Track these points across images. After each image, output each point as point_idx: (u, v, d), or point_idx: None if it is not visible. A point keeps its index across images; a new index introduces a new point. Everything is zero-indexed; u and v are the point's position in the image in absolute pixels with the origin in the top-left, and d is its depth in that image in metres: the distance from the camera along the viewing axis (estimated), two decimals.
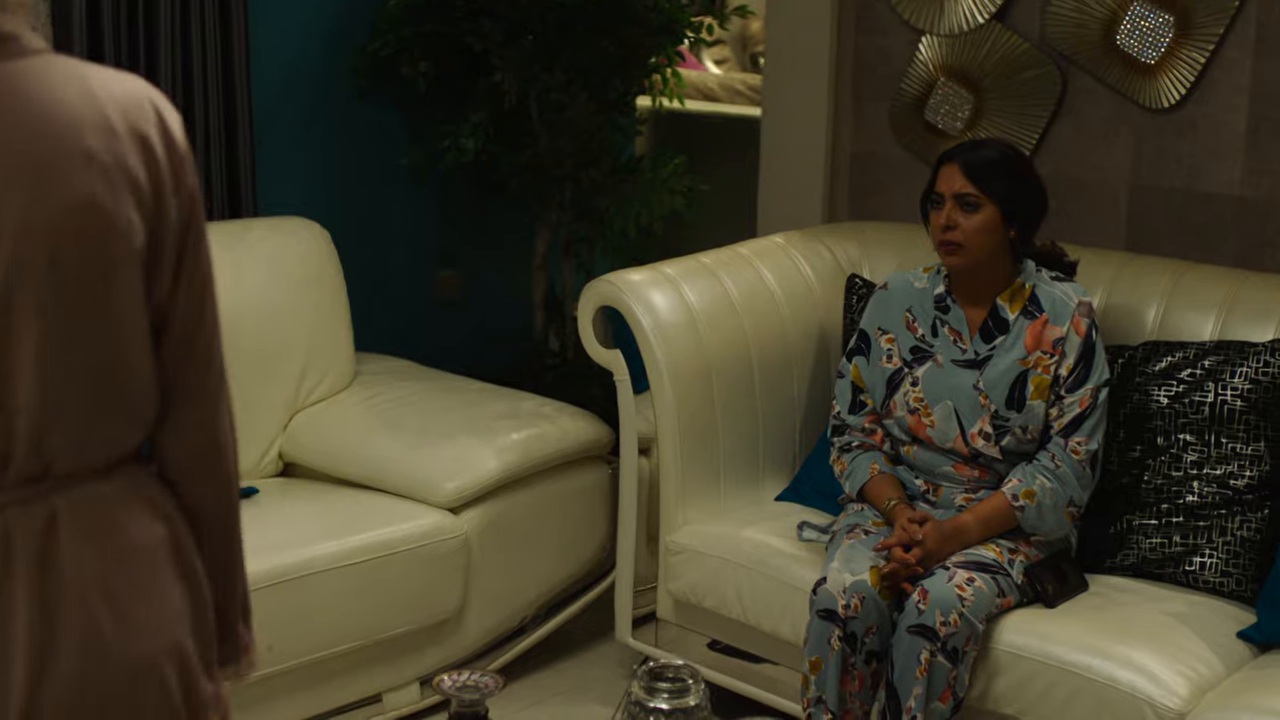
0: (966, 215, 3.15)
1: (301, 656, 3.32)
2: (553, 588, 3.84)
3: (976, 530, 3.14)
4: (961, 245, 3.16)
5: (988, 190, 3.15)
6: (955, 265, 3.21)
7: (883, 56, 4.30)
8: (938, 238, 3.19)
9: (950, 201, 3.17)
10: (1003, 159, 3.20)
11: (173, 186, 1.67)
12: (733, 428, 3.63)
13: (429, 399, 3.92)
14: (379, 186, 4.70)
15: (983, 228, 3.15)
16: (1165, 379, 3.32)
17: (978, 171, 3.15)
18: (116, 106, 1.63)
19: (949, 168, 3.19)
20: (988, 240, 3.16)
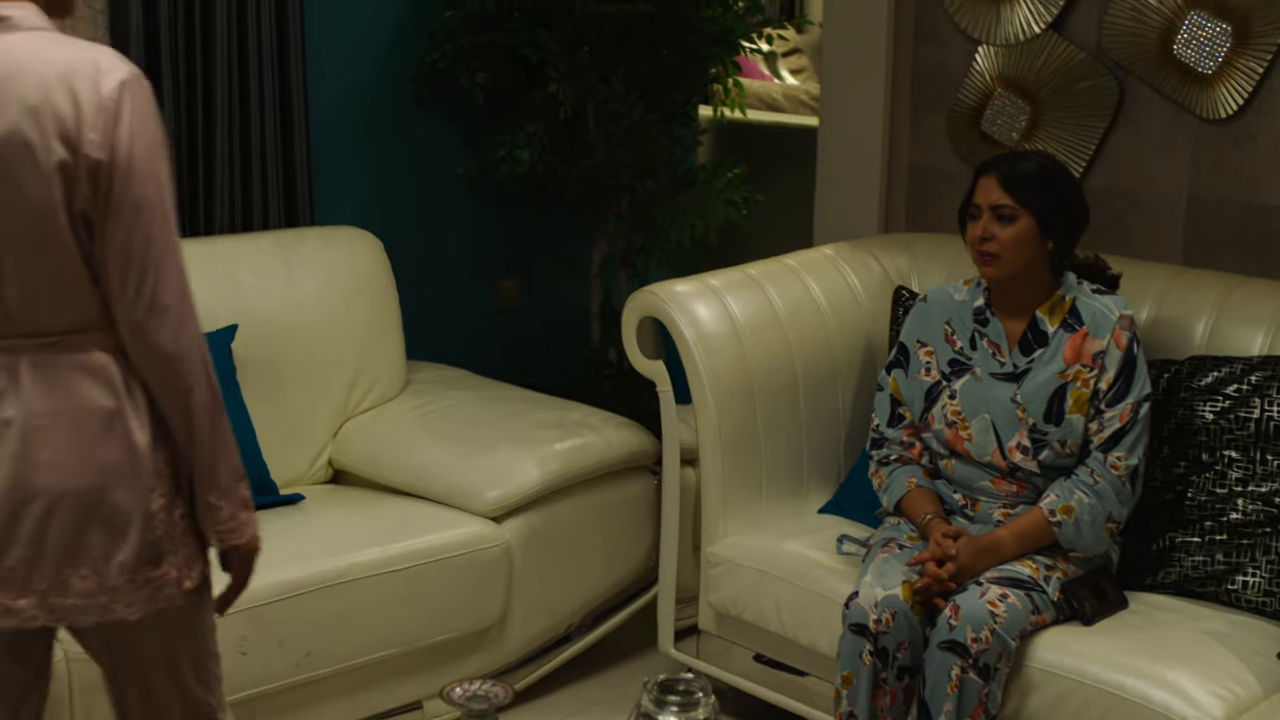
0: (1003, 226, 3.13)
1: (343, 662, 3.36)
2: (597, 597, 3.85)
3: (1012, 546, 3.11)
4: (997, 256, 3.14)
5: (1024, 201, 3.12)
6: (992, 276, 3.18)
7: (940, 67, 4.27)
8: (974, 248, 3.17)
9: (987, 213, 3.15)
10: (1041, 171, 3.17)
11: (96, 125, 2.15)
12: (775, 440, 3.62)
13: (477, 408, 3.94)
14: (438, 196, 4.74)
15: (1019, 239, 3.13)
16: (1211, 394, 3.27)
17: (1014, 183, 3.13)
18: (61, 65, 2.16)
19: (986, 179, 3.17)
20: (1024, 251, 3.14)
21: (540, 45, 4.43)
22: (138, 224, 2.18)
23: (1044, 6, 3.99)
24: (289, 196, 4.21)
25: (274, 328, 3.79)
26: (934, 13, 4.24)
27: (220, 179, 4.06)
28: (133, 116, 2.19)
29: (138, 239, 2.18)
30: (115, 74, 2.19)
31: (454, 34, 4.49)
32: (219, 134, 4.04)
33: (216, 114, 4.03)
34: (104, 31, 3.87)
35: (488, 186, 4.71)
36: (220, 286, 3.72)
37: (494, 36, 4.47)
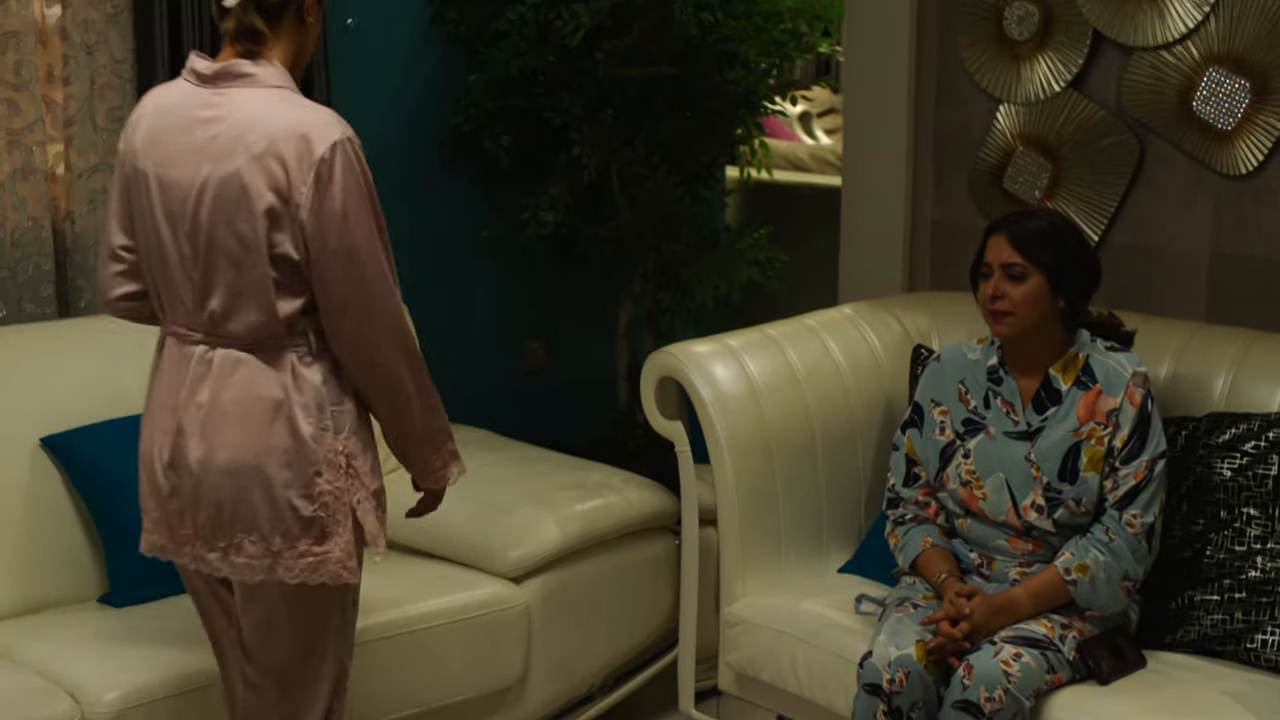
0: (1014, 285, 3.13)
1: None
2: (618, 658, 3.85)
3: (1028, 605, 3.09)
4: (1009, 314, 3.14)
5: (1034, 260, 3.12)
6: (1004, 334, 3.18)
7: (962, 126, 4.28)
8: (985, 307, 3.17)
9: (998, 271, 3.15)
10: (1050, 229, 3.17)
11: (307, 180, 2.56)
12: (794, 499, 3.62)
13: (500, 469, 3.96)
14: (464, 258, 4.78)
15: (1030, 297, 3.13)
16: (1229, 451, 3.25)
17: (1024, 241, 3.13)
18: (288, 124, 2.57)
19: (996, 238, 3.18)
20: (1035, 309, 3.13)
21: (563, 109, 4.48)
22: (351, 268, 2.59)
23: (1064, 65, 4.00)
24: None
25: None
26: (955, 72, 4.26)
27: None
28: (343, 174, 2.58)
29: (352, 281, 2.60)
30: (331, 135, 2.58)
31: (478, 98, 4.55)
32: None
33: None
34: (131, 99, 3.93)
35: (513, 248, 4.75)
36: None
37: (518, 100, 4.53)
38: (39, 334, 3.63)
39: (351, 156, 2.61)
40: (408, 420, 2.75)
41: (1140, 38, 3.84)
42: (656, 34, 4.40)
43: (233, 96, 2.63)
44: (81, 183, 3.90)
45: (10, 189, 3.80)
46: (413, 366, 2.72)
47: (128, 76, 3.93)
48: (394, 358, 2.68)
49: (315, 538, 2.69)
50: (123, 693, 3.08)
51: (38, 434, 3.48)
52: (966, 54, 4.20)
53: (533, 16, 4.47)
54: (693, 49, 4.51)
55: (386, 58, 4.55)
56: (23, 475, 3.44)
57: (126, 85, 3.93)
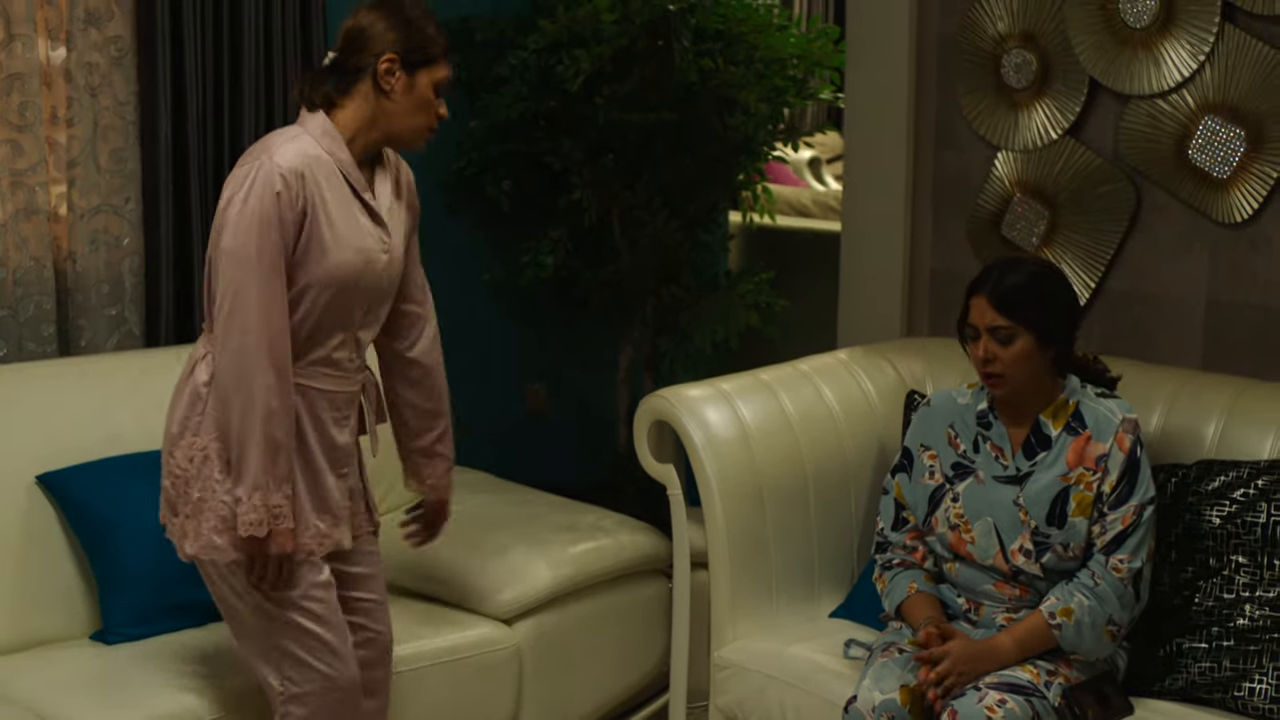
0: (1003, 347, 3.11)
1: None
2: (610, 700, 3.86)
3: (1012, 651, 3.09)
4: (1003, 376, 3.13)
5: (1020, 319, 3.10)
6: (1002, 395, 3.18)
7: (960, 172, 4.30)
8: (980, 370, 3.16)
9: (985, 334, 3.13)
10: (1029, 283, 3.14)
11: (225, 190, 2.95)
12: (785, 544, 3.62)
13: (494, 510, 3.97)
14: (465, 302, 4.81)
15: (1020, 357, 3.11)
16: (1218, 499, 3.25)
17: (1007, 303, 3.10)
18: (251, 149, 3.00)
19: (978, 300, 3.14)
20: (1028, 366, 3.12)
21: (564, 153, 4.51)
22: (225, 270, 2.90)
23: (1061, 113, 4.02)
24: None
25: None
26: (954, 119, 4.28)
27: None
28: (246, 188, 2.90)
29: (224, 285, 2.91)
30: (265, 156, 2.92)
31: (480, 142, 4.59)
32: None
33: None
34: (134, 140, 3.98)
35: (514, 292, 4.77)
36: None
37: (519, 145, 4.56)
38: (39, 372, 3.66)
39: (263, 179, 2.85)
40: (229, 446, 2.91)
41: (1136, 86, 3.86)
42: (657, 80, 4.44)
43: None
44: (84, 223, 3.94)
45: (13, 229, 3.84)
46: (240, 398, 2.86)
47: (130, 118, 3.97)
48: (226, 378, 2.87)
49: (171, 508, 3.02)
50: None
51: (34, 471, 3.50)
52: (965, 101, 4.22)
53: (534, 62, 4.51)
54: (693, 95, 4.54)
55: None
56: (19, 512, 3.46)
57: (129, 127, 3.97)
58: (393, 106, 3.01)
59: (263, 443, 2.87)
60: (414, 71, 3.01)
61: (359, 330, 3.09)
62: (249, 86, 4.08)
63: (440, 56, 3.04)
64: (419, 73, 3.01)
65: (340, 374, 3.07)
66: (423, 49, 3.02)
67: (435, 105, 3.05)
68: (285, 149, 2.92)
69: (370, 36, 3.01)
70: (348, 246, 2.97)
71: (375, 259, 3.04)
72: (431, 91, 3.03)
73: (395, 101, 3.00)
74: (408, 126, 3.04)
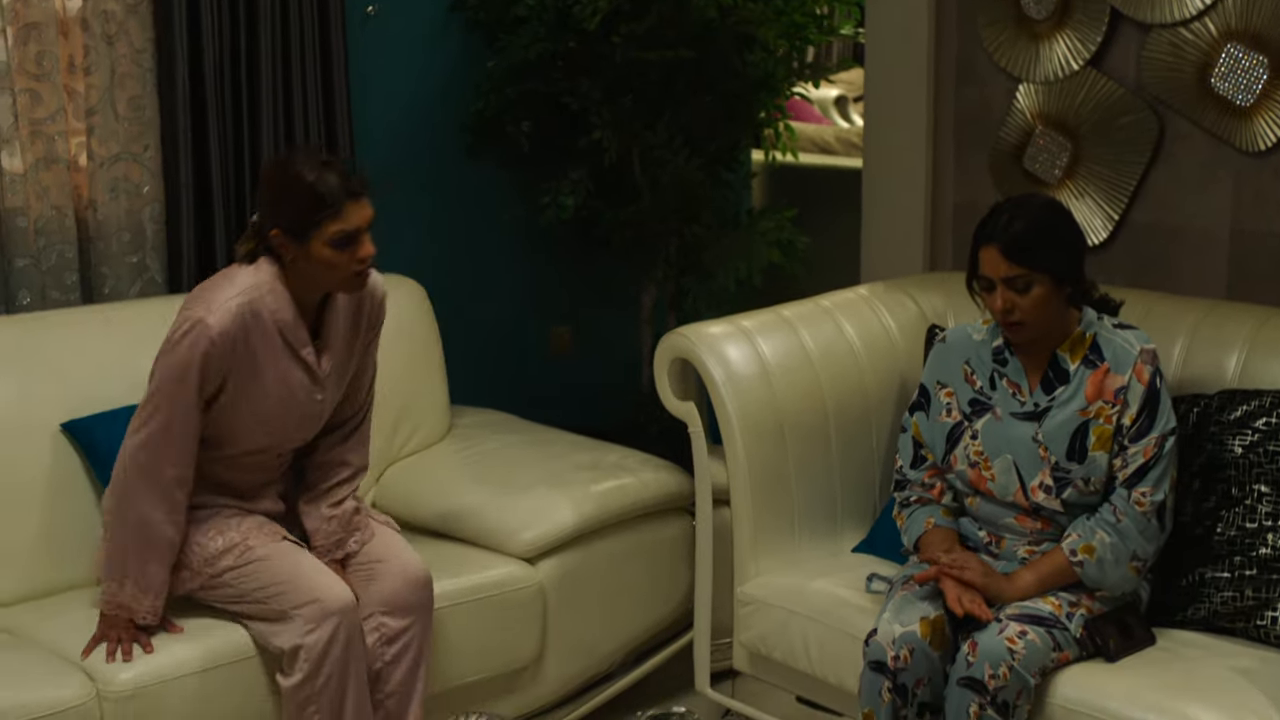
0: (1021, 295, 3.07)
1: None
2: (635, 638, 3.87)
3: (1033, 586, 3.09)
4: (1024, 323, 3.10)
5: (1034, 265, 3.05)
6: (1024, 341, 3.15)
7: (982, 106, 4.27)
8: (1000, 320, 3.13)
9: (1000, 285, 3.09)
10: (1036, 226, 3.08)
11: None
12: (807, 480, 3.62)
13: (518, 451, 3.99)
14: (488, 244, 4.81)
15: (1039, 302, 3.07)
16: (1240, 428, 3.23)
17: (1019, 251, 3.05)
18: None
19: (989, 251, 3.09)
20: (1047, 309, 3.08)
21: (583, 93, 4.49)
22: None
23: (1082, 43, 3.98)
24: None
25: None
26: (974, 52, 4.25)
27: None
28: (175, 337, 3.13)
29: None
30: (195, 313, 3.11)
31: (499, 84, 4.57)
32: None
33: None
34: (151, 88, 3.98)
35: (536, 233, 4.77)
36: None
37: (537, 85, 4.54)
38: (62, 320, 3.68)
39: (194, 337, 3.03)
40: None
41: (1158, 14, 3.82)
42: (675, 17, 4.41)
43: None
44: (103, 171, 3.95)
45: (33, 178, 3.85)
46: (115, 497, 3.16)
47: (148, 66, 3.97)
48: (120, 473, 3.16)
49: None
50: (137, 673, 3.12)
51: (59, 419, 3.52)
52: (986, 33, 4.19)
53: (551, 1, 4.48)
54: (712, 32, 4.51)
55: (407, 45, 4.58)
56: (44, 459, 3.48)
57: (146, 74, 3.97)
58: (304, 269, 3.06)
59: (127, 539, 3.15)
60: (305, 241, 3.02)
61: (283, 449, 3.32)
62: (265, 31, 4.07)
63: (328, 216, 3.00)
64: (310, 240, 3.02)
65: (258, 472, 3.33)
66: (306, 217, 3.01)
67: (346, 256, 3.04)
68: (225, 308, 3.04)
69: (261, 205, 3.11)
70: (271, 400, 3.15)
71: (302, 408, 3.21)
72: (331, 250, 3.03)
73: (301, 266, 3.06)
74: (328, 282, 3.09)
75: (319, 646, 3.12)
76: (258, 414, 3.18)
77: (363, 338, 3.30)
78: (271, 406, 3.18)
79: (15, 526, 3.45)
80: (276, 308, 3.09)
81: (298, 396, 3.20)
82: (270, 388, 3.15)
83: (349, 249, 3.03)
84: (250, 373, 3.11)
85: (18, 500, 3.45)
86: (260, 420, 3.19)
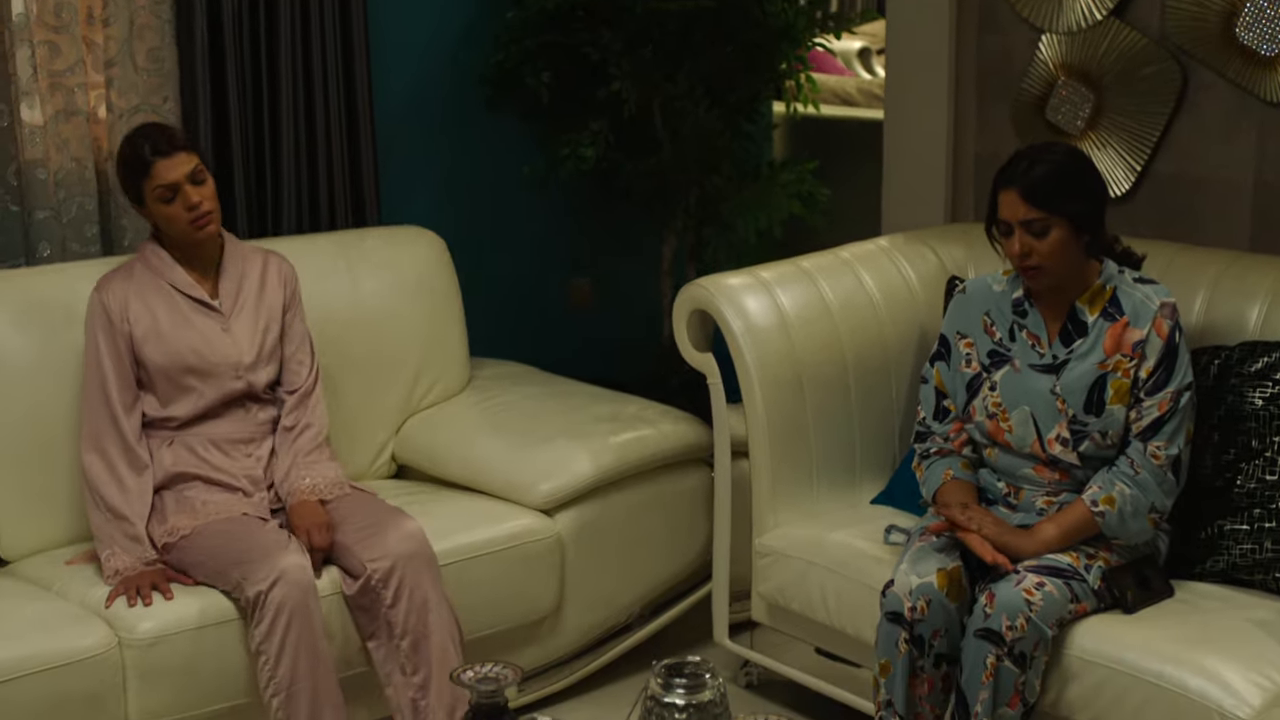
0: (1039, 240, 3.06)
1: None
2: (654, 589, 3.88)
3: (1056, 538, 3.08)
4: (1041, 268, 3.09)
5: (1052, 209, 3.05)
6: (1041, 287, 3.14)
7: (1004, 56, 4.24)
8: (1017, 265, 3.12)
9: (1019, 228, 3.08)
10: (1058, 172, 3.07)
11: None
12: (826, 431, 3.62)
13: (537, 403, 3.99)
14: (507, 195, 4.80)
15: (1057, 247, 3.07)
16: (1261, 380, 3.21)
17: (1039, 195, 3.04)
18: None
19: (1008, 195, 3.09)
20: (1065, 256, 3.08)
21: (602, 44, 4.47)
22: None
23: None
24: (356, 198, 4.29)
25: (335, 326, 3.87)
26: (996, 3, 4.21)
27: (286, 182, 4.15)
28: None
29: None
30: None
31: (518, 35, 4.55)
32: (285, 137, 4.14)
33: (282, 118, 4.13)
34: (170, 39, 3.97)
35: (555, 185, 4.76)
36: None
37: (557, 36, 4.52)
38: (83, 273, 3.68)
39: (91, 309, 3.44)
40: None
41: None
42: None
43: None
44: (123, 123, 3.94)
45: (53, 130, 3.85)
46: (87, 477, 3.37)
47: (166, 17, 3.96)
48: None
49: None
50: (159, 623, 3.15)
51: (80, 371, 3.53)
52: None
53: None
54: None
55: None
56: (65, 411, 3.50)
57: (165, 26, 3.96)
58: (164, 230, 3.45)
59: (101, 519, 3.34)
60: (141, 200, 3.43)
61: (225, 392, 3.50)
62: None
63: (143, 178, 3.39)
64: (146, 202, 3.42)
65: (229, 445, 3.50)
66: (132, 185, 3.43)
67: (178, 208, 3.38)
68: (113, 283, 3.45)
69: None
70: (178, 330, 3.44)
71: (208, 337, 3.46)
72: (161, 202, 3.39)
73: (162, 228, 3.45)
74: (179, 234, 3.43)
75: (273, 602, 3.15)
76: (167, 342, 3.42)
77: (280, 301, 3.58)
78: (179, 334, 3.44)
79: (39, 477, 3.48)
80: (158, 262, 3.47)
81: (198, 325, 3.46)
82: (169, 318, 3.44)
83: (175, 201, 3.38)
84: (147, 310, 3.43)
85: (40, 451, 3.48)
86: (172, 350, 3.42)
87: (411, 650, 3.28)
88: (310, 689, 3.16)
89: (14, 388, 3.46)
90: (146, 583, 3.23)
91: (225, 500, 3.41)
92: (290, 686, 3.14)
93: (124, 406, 3.40)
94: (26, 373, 3.49)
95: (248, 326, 3.52)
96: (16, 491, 3.46)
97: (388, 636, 3.29)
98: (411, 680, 3.30)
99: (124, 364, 3.41)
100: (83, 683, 3.04)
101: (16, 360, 3.49)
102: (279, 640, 3.13)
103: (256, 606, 3.14)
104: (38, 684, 2.98)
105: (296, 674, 3.14)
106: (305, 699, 3.15)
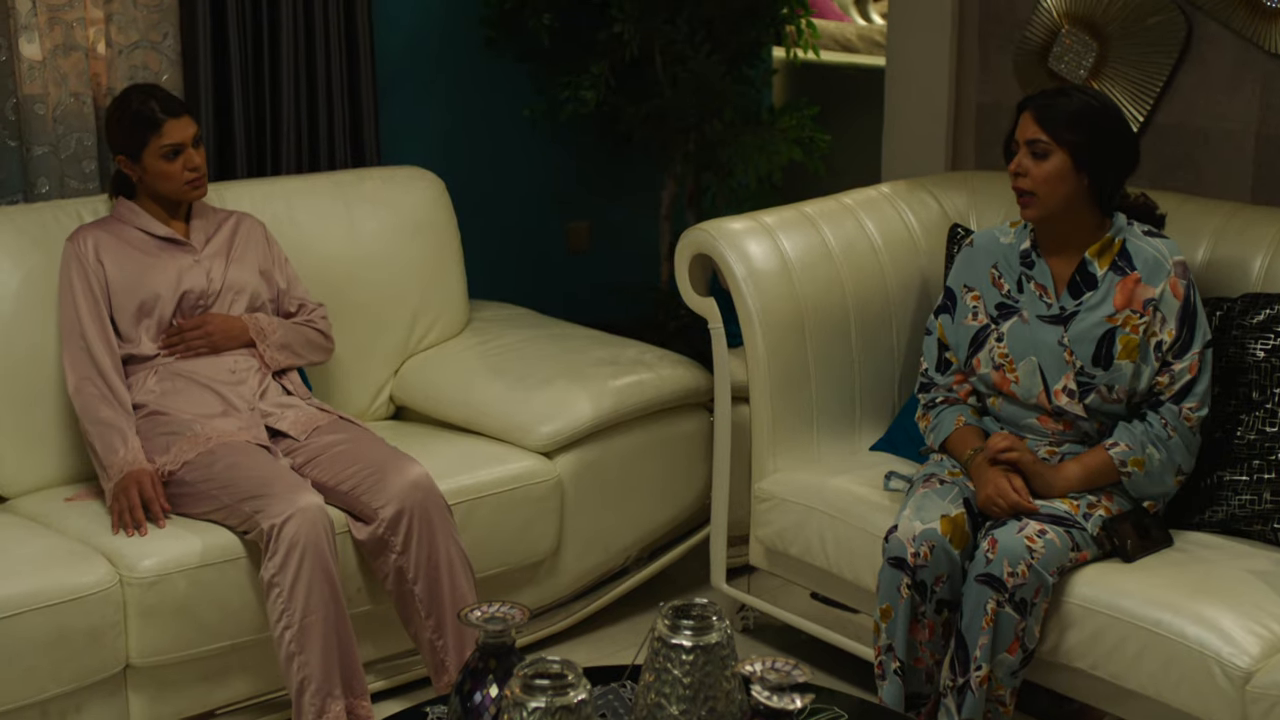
0: (1036, 162, 3.10)
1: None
2: (652, 533, 3.89)
3: (1078, 481, 3.11)
4: (1032, 194, 3.10)
5: (1058, 137, 3.08)
6: (1030, 217, 3.15)
7: (1007, 4, 4.22)
8: (1012, 185, 3.15)
9: (1023, 148, 3.11)
10: (1083, 108, 3.11)
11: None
12: (826, 377, 3.62)
13: (536, 345, 3.99)
14: (507, 137, 4.78)
15: (1052, 175, 3.09)
16: (1263, 332, 3.22)
17: (1050, 119, 3.09)
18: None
19: (1026, 115, 3.14)
20: (1058, 188, 3.09)
21: None
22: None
23: None
24: (356, 138, 4.27)
25: (334, 267, 3.86)
26: None
27: (286, 122, 4.13)
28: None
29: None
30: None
31: None
32: (284, 77, 4.11)
33: (282, 56, 4.11)
34: None
35: (556, 127, 4.74)
36: (280, 226, 3.79)
37: None
38: (81, 209, 3.66)
39: (65, 257, 3.47)
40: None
41: None
42: None
43: None
44: (122, 59, 3.92)
45: (52, 65, 3.82)
46: (77, 406, 3.39)
47: None
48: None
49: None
50: (159, 560, 3.15)
51: None
52: None
53: None
54: None
55: None
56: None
57: None
58: (148, 183, 3.50)
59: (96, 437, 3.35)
60: (139, 158, 3.46)
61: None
62: None
63: (151, 134, 3.44)
64: (144, 156, 3.46)
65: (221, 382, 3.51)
66: (135, 139, 3.46)
67: (178, 165, 3.46)
68: (85, 231, 3.49)
69: (108, 141, 3.58)
70: (150, 265, 3.48)
71: (182, 270, 3.50)
72: (163, 161, 3.46)
73: (146, 182, 3.50)
74: (168, 191, 3.49)
75: (288, 535, 3.15)
76: (140, 276, 3.46)
77: (257, 260, 3.63)
78: (151, 268, 3.48)
79: (39, 413, 3.47)
80: (130, 214, 3.53)
81: (170, 259, 3.51)
82: (142, 257, 3.49)
83: (177, 159, 3.45)
84: (120, 248, 3.48)
85: (41, 387, 3.47)
86: (145, 284, 3.46)
87: (425, 594, 3.30)
88: (322, 621, 3.16)
89: (12, 323, 3.45)
90: (133, 488, 3.25)
91: (222, 425, 3.40)
92: (303, 619, 3.14)
93: (103, 344, 3.41)
94: (25, 308, 3.47)
95: (219, 264, 3.57)
96: (16, 428, 3.45)
97: (399, 581, 3.31)
98: (427, 623, 3.32)
99: (99, 305, 3.43)
100: (84, 619, 3.04)
101: (14, 296, 3.47)
102: (293, 572, 3.13)
103: (271, 539, 3.14)
104: (39, 620, 2.98)
105: (310, 607, 3.14)
106: (317, 632, 3.15)
